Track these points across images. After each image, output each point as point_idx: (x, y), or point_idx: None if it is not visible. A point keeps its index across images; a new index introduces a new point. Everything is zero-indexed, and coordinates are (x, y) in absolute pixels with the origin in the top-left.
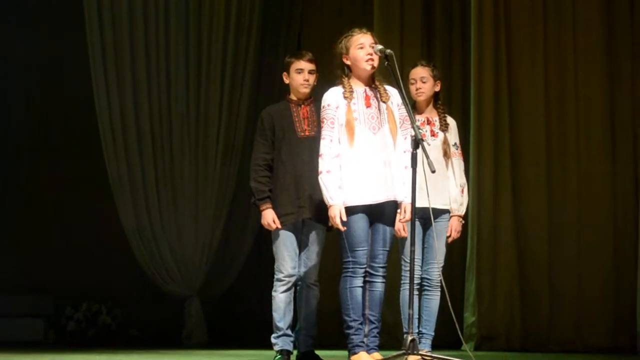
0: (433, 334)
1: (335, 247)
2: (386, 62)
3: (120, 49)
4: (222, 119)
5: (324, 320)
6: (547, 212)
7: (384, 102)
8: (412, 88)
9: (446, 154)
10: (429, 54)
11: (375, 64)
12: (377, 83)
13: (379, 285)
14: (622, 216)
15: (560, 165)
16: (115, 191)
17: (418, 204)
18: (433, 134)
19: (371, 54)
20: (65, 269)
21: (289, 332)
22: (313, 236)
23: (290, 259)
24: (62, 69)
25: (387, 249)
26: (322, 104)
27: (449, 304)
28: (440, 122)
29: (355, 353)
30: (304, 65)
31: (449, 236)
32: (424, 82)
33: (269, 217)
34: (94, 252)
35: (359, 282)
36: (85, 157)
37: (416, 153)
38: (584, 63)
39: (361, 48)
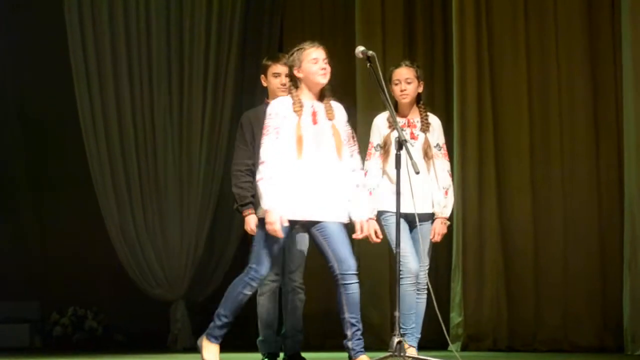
0: (419, 335)
1: None
2: (368, 64)
3: (102, 43)
4: (205, 122)
5: (309, 322)
6: (532, 212)
7: (329, 119)
8: (396, 89)
9: (427, 155)
10: (410, 54)
11: (328, 76)
12: (325, 99)
13: (354, 287)
14: (608, 214)
15: (544, 164)
16: (99, 195)
17: (405, 210)
18: (413, 136)
19: (324, 68)
20: (51, 274)
21: (274, 335)
22: (298, 239)
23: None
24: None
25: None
26: (269, 111)
27: (435, 304)
28: (422, 122)
29: (209, 341)
30: (281, 69)
31: (432, 237)
32: (408, 84)
33: (252, 222)
34: (79, 256)
35: (249, 290)
36: (68, 161)
37: (400, 154)
38: (566, 61)
39: (315, 62)
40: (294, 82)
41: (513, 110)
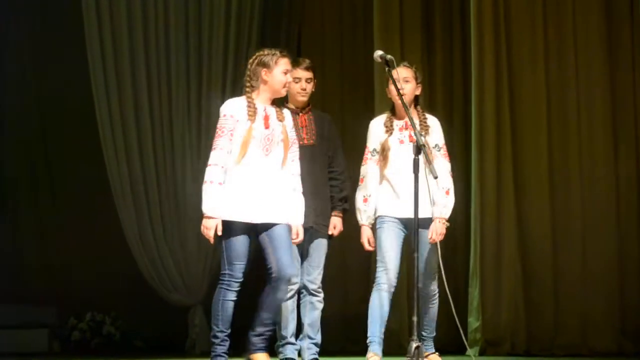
0: (434, 333)
1: (338, 254)
2: (387, 68)
3: (120, 48)
4: None
5: (328, 327)
6: (550, 216)
7: (280, 120)
8: (393, 88)
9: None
10: (429, 60)
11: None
12: (276, 104)
13: (282, 295)
14: (626, 219)
15: (562, 168)
16: (116, 200)
17: (404, 214)
18: (412, 139)
19: (290, 82)
20: (69, 279)
21: (293, 340)
22: (316, 244)
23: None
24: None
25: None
26: (223, 112)
27: (453, 309)
28: (420, 125)
29: None
30: (301, 73)
31: (430, 238)
32: (406, 82)
33: None
34: (97, 262)
35: (232, 295)
36: (87, 166)
37: (418, 159)
38: (585, 66)
39: (284, 74)
40: (252, 81)
41: (531, 115)
